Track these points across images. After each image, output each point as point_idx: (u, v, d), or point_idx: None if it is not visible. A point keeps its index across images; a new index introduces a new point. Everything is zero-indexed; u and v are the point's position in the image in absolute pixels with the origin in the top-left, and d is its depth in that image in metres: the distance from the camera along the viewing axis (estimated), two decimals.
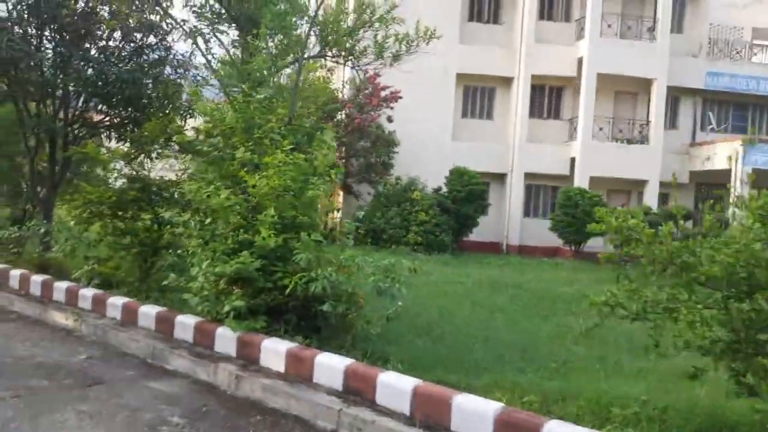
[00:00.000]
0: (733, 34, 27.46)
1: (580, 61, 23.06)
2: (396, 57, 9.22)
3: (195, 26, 8.17)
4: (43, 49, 10.54)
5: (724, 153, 22.39)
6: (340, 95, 21.57)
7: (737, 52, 25.72)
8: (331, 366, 5.38)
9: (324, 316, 6.51)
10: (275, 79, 7.75)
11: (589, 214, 20.42)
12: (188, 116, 10.99)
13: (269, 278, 6.45)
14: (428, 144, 22.30)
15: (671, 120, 24.25)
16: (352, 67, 9.31)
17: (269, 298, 6.43)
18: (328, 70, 18.57)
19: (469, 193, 20.04)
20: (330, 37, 8.57)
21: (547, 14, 23.91)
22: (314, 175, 6.83)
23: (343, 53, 8.96)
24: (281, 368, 5.73)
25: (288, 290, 6.23)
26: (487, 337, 7.45)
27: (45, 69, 10.55)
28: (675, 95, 24.04)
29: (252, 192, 6.73)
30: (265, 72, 7.39)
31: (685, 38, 24.34)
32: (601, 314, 4.70)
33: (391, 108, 20.42)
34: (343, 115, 20.90)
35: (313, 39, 8.43)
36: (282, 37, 7.54)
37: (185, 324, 6.69)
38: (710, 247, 3.97)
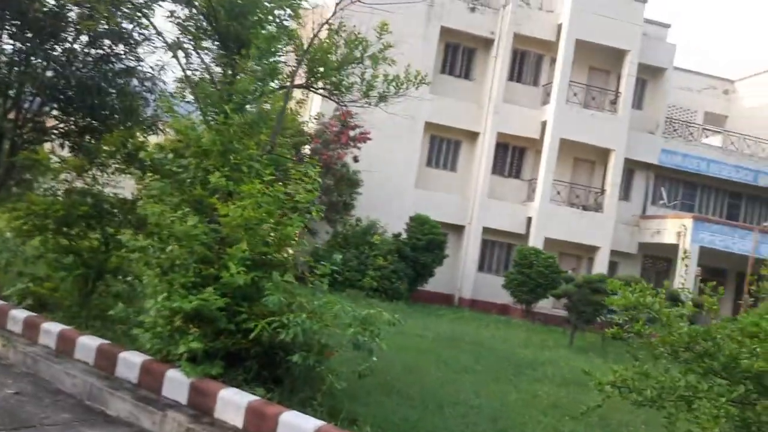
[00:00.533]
0: (687, 116, 28.72)
1: (543, 125, 23.48)
2: (382, 98, 8.90)
3: (177, 38, 7.64)
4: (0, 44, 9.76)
5: (673, 228, 22.98)
6: (307, 129, 21.15)
7: (690, 134, 26.81)
8: (297, 427, 4.79)
9: (287, 365, 5.91)
10: (259, 104, 7.25)
11: (543, 275, 20.51)
12: (152, 132, 10.34)
13: (232, 319, 5.83)
14: (391, 188, 22.04)
15: (625, 191, 24.83)
16: (338, 103, 8.92)
17: (230, 341, 5.80)
18: (297, 102, 18.17)
19: (429, 242, 19.75)
20: (318, 69, 8.21)
21: (517, 76, 24.36)
22: (294, 210, 6.32)
23: (329, 87, 8.59)
24: (239, 423, 5.09)
25: (253, 335, 5.62)
26: (457, 401, 6.98)
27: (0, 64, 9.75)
28: (630, 168, 24.69)
29: (223, 222, 6.16)
30: (250, 95, 6.92)
31: (644, 115, 25.19)
32: (604, 395, 4.30)
33: (359, 148, 20.12)
34: (308, 150, 20.45)
35: (299, 68, 8.04)
36: (272, 60, 7.10)
37: (130, 362, 5.95)
38: (739, 337, 3.65)
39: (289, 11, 7.63)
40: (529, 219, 23.26)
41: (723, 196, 26.16)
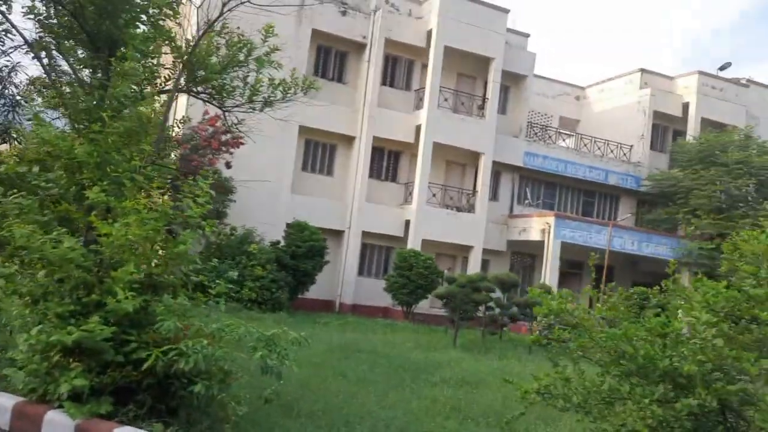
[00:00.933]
0: (545, 120, 30.75)
1: (418, 129, 24.03)
2: (268, 103, 8.55)
3: (39, 37, 6.78)
4: None
5: (538, 226, 24.47)
6: (173, 134, 20.00)
7: (549, 137, 28.70)
8: None
9: (182, 395, 5.44)
10: (136, 110, 6.63)
11: (423, 276, 20.94)
12: (3, 141, 9.23)
13: (120, 350, 5.26)
14: (265, 195, 21.45)
15: (493, 192, 26.05)
16: (220, 107, 8.42)
17: (119, 374, 5.22)
18: (162, 105, 17.05)
19: (309, 249, 19.45)
20: (199, 72, 7.68)
21: (390, 81, 24.74)
22: (185, 226, 5.84)
23: (211, 91, 8.08)
24: None
25: (146, 365, 5.10)
26: (362, 414, 6.83)
27: None
28: (497, 170, 25.95)
29: (104, 242, 5.55)
30: (127, 100, 6.30)
31: (508, 119, 26.59)
32: (527, 402, 4.33)
33: (231, 153, 19.36)
34: (175, 156, 19.33)
35: (182, 72, 7.47)
36: (152, 63, 6.53)
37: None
38: (664, 342, 3.80)
39: (165, 10, 7.04)
40: (407, 222, 23.69)
41: (579, 194, 28.25)
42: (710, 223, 23.91)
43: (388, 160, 24.81)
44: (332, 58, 24.32)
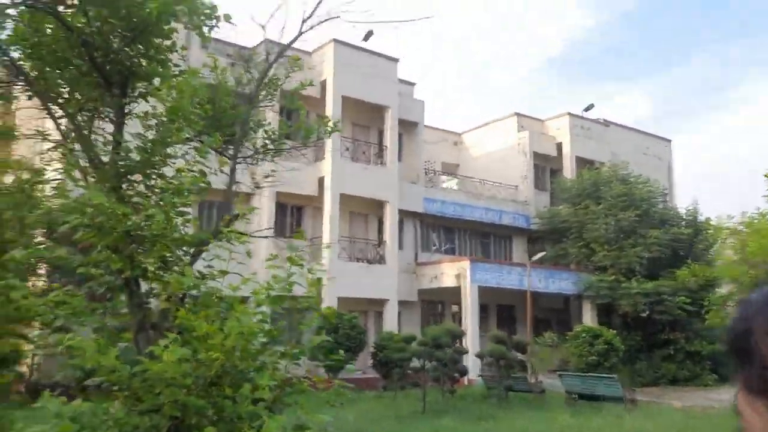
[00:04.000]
0: (429, 166, 31.09)
1: (320, 181, 22.89)
2: (280, 149, 7.08)
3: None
4: None
5: (451, 272, 24.15)
6: None
7: (442, 182, 28.94)
8: None
9: None
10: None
11: (351, 337, 19.54)
12: None
13: None
14: None
15: (399, 241, 25.45)
16: (231, 159, 6.79)
17: None
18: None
19: None
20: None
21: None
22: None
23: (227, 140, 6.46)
24: None
25: None
26: None
27: None
28: (401, 218, 25.45)
29: (208, 345, 3.86)
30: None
31: (405, 166, 26.36)
32: None
33: None
34: None
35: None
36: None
37: None
38: None
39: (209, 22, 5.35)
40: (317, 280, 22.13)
41: (476, 236, 28.59)
42: (605, 255, 25.19)
43: (291, 216, 23.29)
44: None
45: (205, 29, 5.29)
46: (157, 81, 5.23)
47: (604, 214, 25.80)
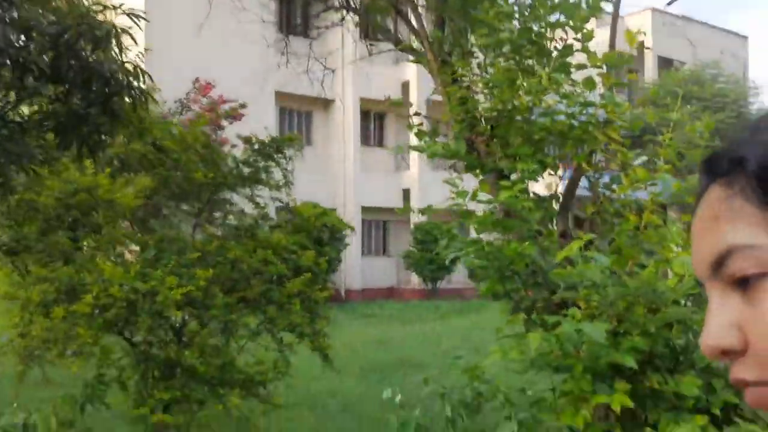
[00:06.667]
0: None
1: (405, 85, 21.27)
2: None
3: None
4: None
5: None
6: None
7: None
8: None
9: None
10: None
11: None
12: None
13: None
14: None
15: None
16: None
17: None
18: None
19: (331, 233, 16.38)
20: None
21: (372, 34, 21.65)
22: None
23: None
24: None
25: None
26: None
27: None
28: None
29: None
30: None
31: None
32: None
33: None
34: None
35: None
36: None
37: None
38: None
39: None
40: (405, 191, 20.99)
41: None
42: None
43: (374, 123, 21.90)
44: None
45: None
46: None
47: (695, 117, 23.54)
